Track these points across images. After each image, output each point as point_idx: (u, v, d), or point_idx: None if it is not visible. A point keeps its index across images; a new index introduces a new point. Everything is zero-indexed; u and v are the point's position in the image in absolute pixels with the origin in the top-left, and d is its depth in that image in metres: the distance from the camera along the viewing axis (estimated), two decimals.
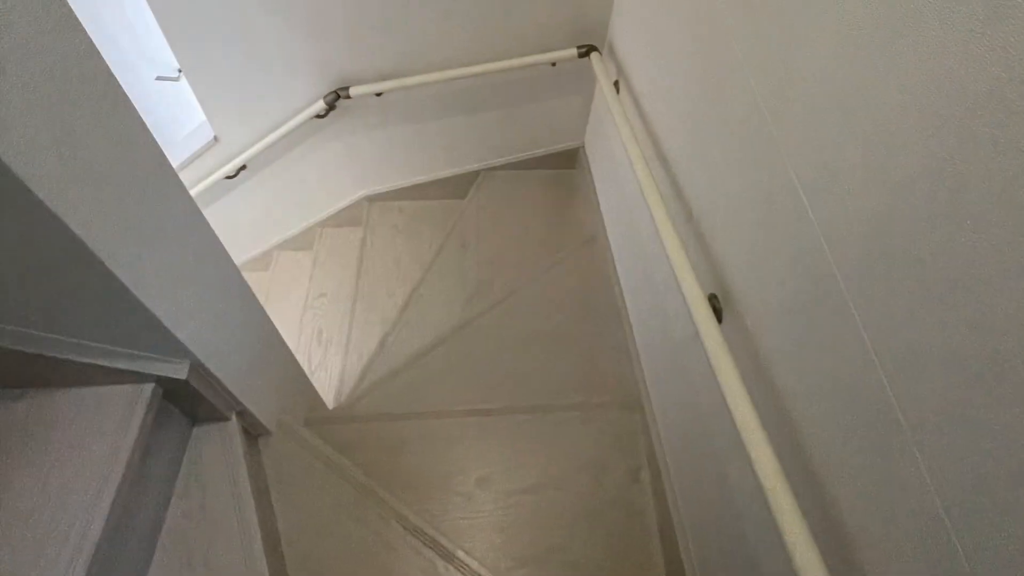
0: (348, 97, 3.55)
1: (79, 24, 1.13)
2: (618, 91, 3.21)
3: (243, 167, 3.91)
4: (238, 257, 4.77)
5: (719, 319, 2.02)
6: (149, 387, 1.73)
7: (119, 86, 1.26)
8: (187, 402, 1.94)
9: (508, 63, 3.56)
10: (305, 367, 3.55)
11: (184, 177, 3.57)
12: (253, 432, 2.30)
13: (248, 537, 1.93)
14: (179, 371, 1.72)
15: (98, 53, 1.19)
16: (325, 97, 3.55)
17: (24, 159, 0.98)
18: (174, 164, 1.50)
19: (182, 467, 2.01)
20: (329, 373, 4.07)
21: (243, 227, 4.61)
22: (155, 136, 1.41)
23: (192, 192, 3.41)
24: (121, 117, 1.27)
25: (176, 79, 4.42)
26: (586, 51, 3.54)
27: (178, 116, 4.65)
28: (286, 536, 2.26)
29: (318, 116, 3.66)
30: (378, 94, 3.58)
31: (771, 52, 1.65)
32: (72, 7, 1.11)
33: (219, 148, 3.82)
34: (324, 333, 4.37)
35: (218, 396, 1.96)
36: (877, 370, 1.27)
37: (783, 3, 1.57)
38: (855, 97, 1.27)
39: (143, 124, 1.35)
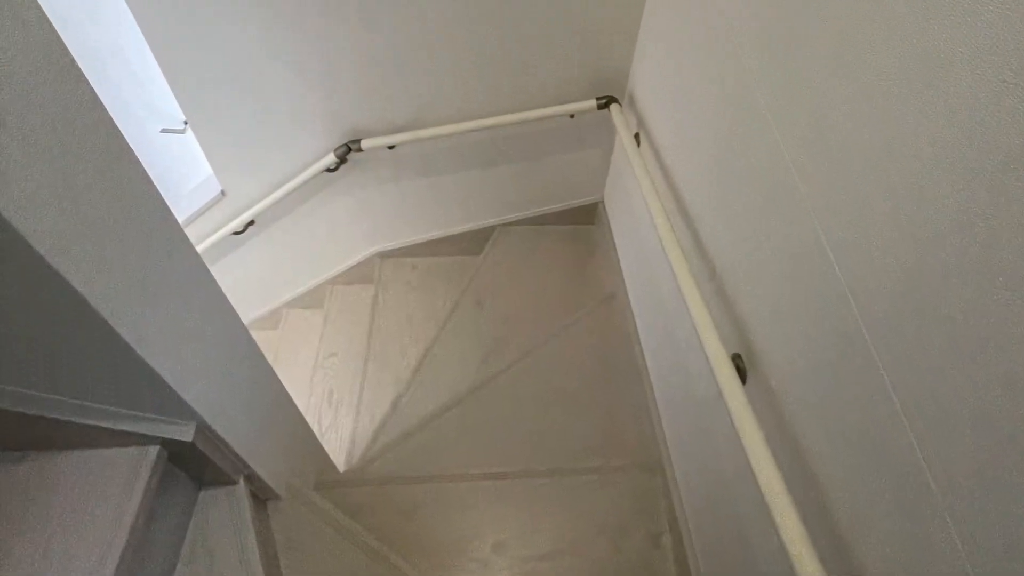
0: (360, 150, 3.55)
1: (82, 75, 1.14)
2: (639, 144, 3.21)
3: (251, 222, 3.92)
4: (246, 315, 4.78)
5: (743, 379, 2.02)
6: (154, 450, 1.72)
7: (123, 138, 1.26)
8: (193, 465, 1.93)
9: (525, 115, 3.56)
10: (315, 429, 3.55)
11: (190, 232, 3.59)
12: (262, 496, 2.28)
13: None
14: (185, 433, 1.71)
15: (101, 104, 1.19)
16: (336, 150, 3.55)
17: (25, 214, 0.99)
18: (180, 219, 1.51)
19: (188, 532, 2.00)
20: (340, 435, 4.05)
21: (251, 284, 4.62)
22: (160, 190, 1.41)
23: (199, 248, 3.43)
24: (125, 170, 1.27)
25: (182, 131, 4.44)
26: (606, 102, 3.54)
27: (184, 169, 4.68)
28: None
29: (328, 170, 3.67)
30: (390, 147, 3.59)
31: (797, 103, 1.65)
32: (75, 57, 1.11)
33: (226, 203, 3.83)
34: (335, 394, 4.36)
35: (225, 459, 1.94)
36: (906, 431, 1.26)
37: (810, 54, 1.57)
38: (884, 150, 1.27)
39: (147, 178, 1.36)
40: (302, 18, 2.92)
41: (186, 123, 3.87)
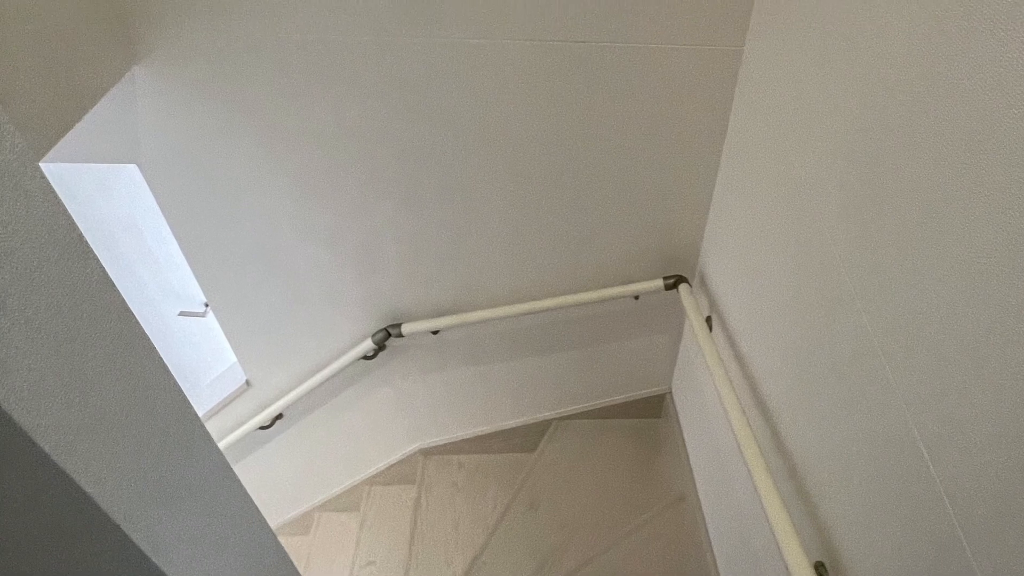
0: (400, 335, 3.57)
1: (91, 252, 1.15)
2: (711, 328, 3.22)
3: (279, 416, 3.92)
4: (274, 519, 4.75)
5: None
6: None
7: (136, 322, 1.28)
8: None
9: (584, 296, 3.55)
10: None
11: (212, 427, 3.60)
12: None
13: None
14: None
15: (113, 285, 1.21)
16: (373, 336, 3.57)
17: (27, 406, 1.00)
18: (200, 412, 1.52)
19: None
20: None
21: (280, 484, 4.60)
22: (178, 380, 1.42)
23: (221, 444, 3.43)
24: (138, 358, 1.29)
25: (202, 315, 4.47)
26: (674, 282, 3.52)
27: (205, 357, 4.70)
28: None
29: (366, 357, 3.68)
30: (434, 332, 3.60)
31: (887, 285, 1.66)
32: (83, 232, 1.13)
33: (252, 394, 3.84)
34: None
35: None
36: None
37: (901, 229, 1.58)
38: (984, 338, 1.27)
39: (164, 366, 1.37)
40: (337, 191, 2.97)
41: (207, 305, 3.91)
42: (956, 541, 1.38)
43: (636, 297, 3.62)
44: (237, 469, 1.74)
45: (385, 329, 3.56)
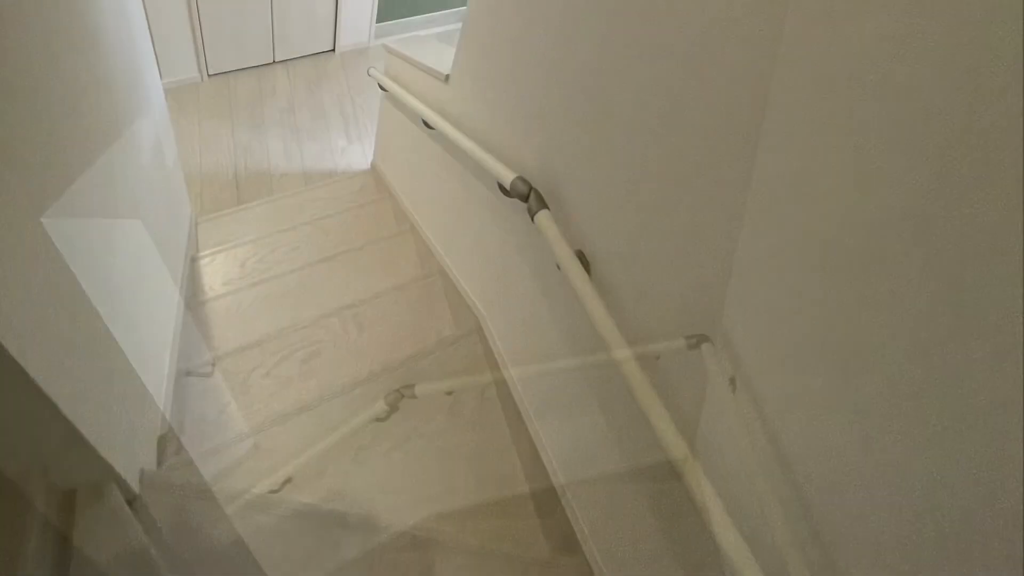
0: (414, 396, 3.56)
1: (94, 310, 1.16)
2: (734, 389, 3.20)
3: (288, 480, 3.91)
4: None
5: None
6: None
7: (141, 382, 1.29)
8: None
9: (602, 357, 3.53)
10: None
11: (219, 490, 3.60)
12: None
13: None
14: None
15: (116, 344, 1.22)
16: (386, 397, 3.56)
17: (29, 468, 1.00)
18: (207, 475, 1.52)
19: None
20: None
21: (289, 551, 4.56)
22: (184, 442, 1.43)
23: (228, 510, 3.43)
24: (144, 419, 1.29)
25: (208, 375, 4.46)
26: (696, 342, 3.50)
27: (211, 417, 4.68)
28: None
29: (378, 419, 3.66)
30: (448, 393, 3.59)
31: (919, 345, 1.65)
32: (85, 289, 1.14)
33: (260, 456, 3.83)
34: None
35: None
36: None
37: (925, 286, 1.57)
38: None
39: (170, 428, 1.38)
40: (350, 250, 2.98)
41: (213, 365, 3.91)
42: None
43: (657, 357, 3.60)
44: (245, 534, 1.75)
45: (398, 390, 3.55)
